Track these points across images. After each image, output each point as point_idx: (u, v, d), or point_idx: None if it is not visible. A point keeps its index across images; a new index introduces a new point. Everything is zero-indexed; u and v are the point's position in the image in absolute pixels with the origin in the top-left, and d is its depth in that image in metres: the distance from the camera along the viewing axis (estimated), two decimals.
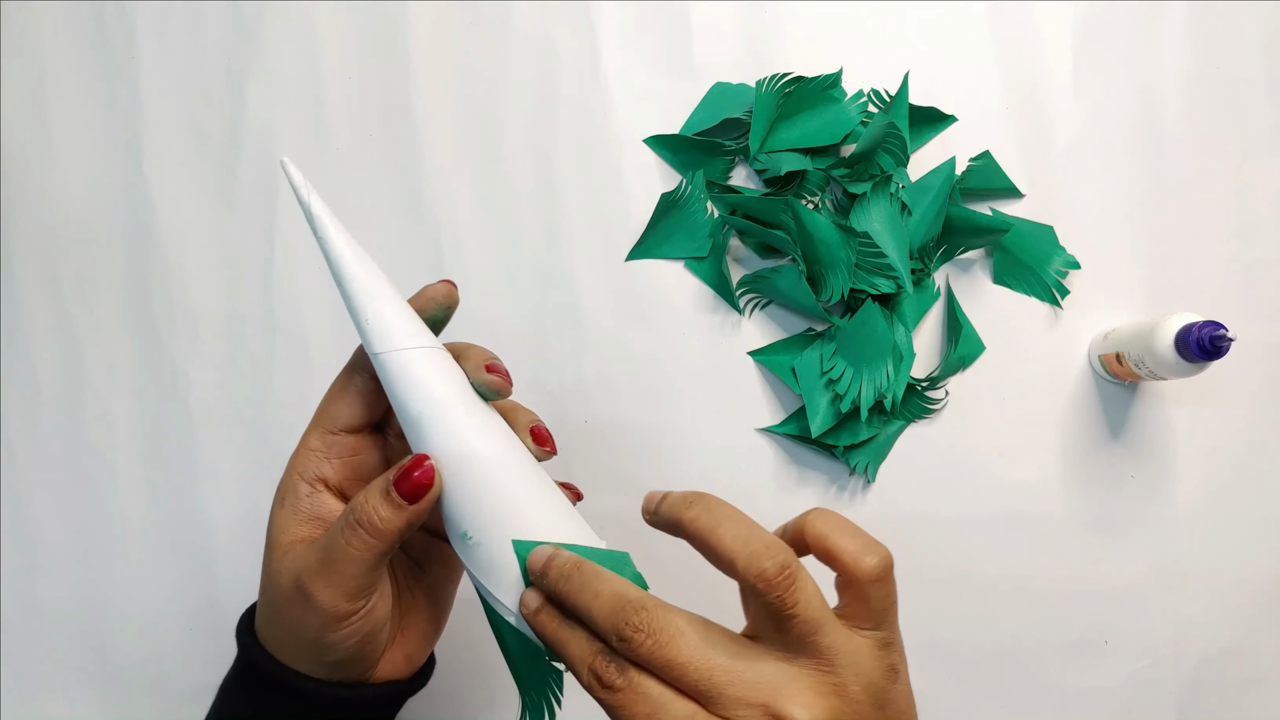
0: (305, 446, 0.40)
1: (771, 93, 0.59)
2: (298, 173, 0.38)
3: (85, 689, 0.60)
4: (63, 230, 0.63)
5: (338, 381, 0.41)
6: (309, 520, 0.39)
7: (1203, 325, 0.49)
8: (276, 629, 0.40)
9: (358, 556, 0.37)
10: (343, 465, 0.40)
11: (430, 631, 0.43)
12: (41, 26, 0.64)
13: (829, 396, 0.58)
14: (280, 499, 0.40)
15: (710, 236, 0.61)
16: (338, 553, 0.37)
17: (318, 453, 0.40)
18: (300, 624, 0.38)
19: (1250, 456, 0.59)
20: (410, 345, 0.38)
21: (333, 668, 0.39)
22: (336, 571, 0.37)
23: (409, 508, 0.37)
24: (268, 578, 0.39)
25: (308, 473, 0.40)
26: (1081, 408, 0.60)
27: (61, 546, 0.61)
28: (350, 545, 0.37)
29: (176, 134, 0.63)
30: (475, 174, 0.62)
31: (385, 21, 0.63)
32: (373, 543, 0.37)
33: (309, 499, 0.39)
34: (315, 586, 0.37)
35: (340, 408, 0.40)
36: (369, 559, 0.37)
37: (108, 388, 0.62)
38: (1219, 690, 0.58)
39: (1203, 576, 0.59)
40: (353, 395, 0.40)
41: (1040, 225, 0.60)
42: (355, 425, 0.40)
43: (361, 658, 0.39)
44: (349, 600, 0.37)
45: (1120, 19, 0.62)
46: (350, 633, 0.38)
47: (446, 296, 0.41)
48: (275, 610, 0.39)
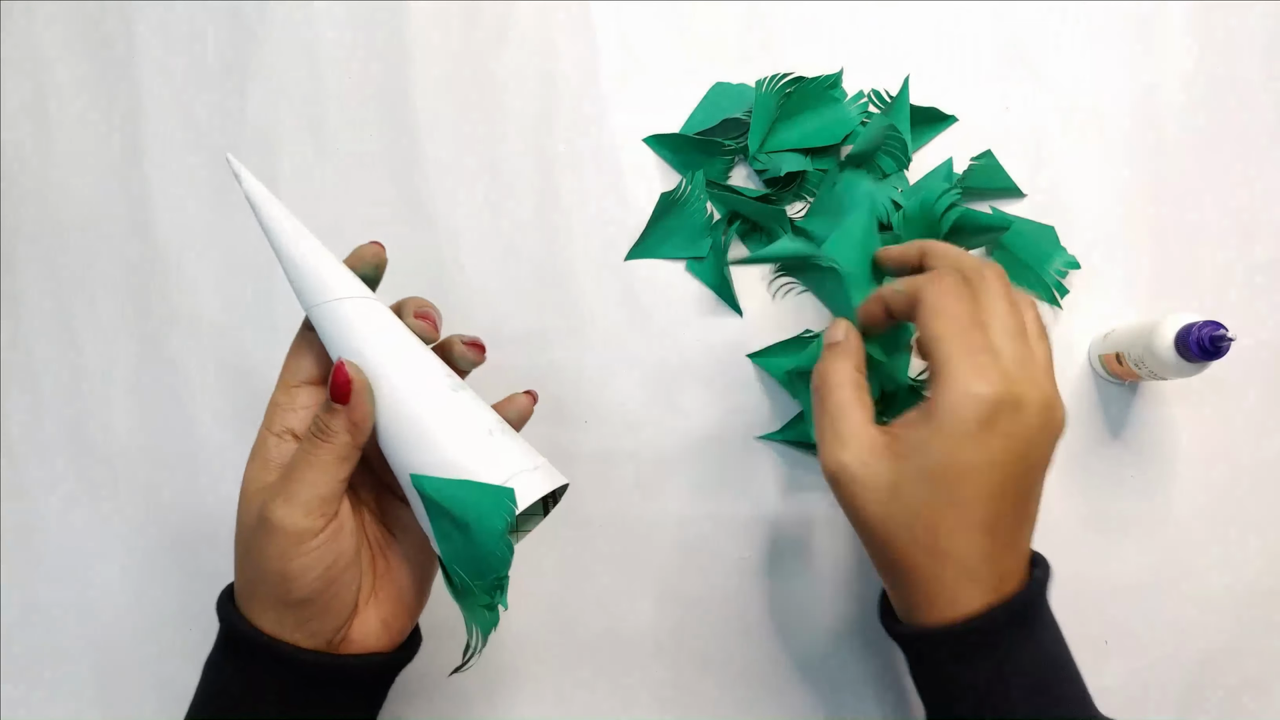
0: (271, 404, 0.43)
1: (771, 93, 0.59)
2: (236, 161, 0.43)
3: (85, 689, 0.60)
4: (63, 230, 0.63)
5: (294, 342, 0.44)
6: (278, 467, 0.41)
7: (1203, 325, 0.49)
8: (245, 576, 0.41)
9: (316, 465, 0.39)
10: (306, 414, 0.42)
11: (408, 600, 0.44)
12: (41, 27, 0.64)
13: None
14: (252, 455, 0.42)
15: (710, 237, 0.61)
16: (296, 468, 0.40)
17: (282, 406, 0.43)
18: (265, 558, 0.39)
19: (1250, 456, 0.59)
20: (342, 295, 0.42)
21: (296, 616, 0.40)
22: (296, 481, 0.39)
23: (344, 409, 0.39)
24: (238, 528, 0.41)
25: (275, 425, 0.42)
26: (1081, 408, 0.60)
27: (61, 546, 0.61)
28: (307, 456, 0.39)
29: (176, 134, 0.63)
30: (475, 174, 0.62)
31: (385, 21, 0.63)
32: (327, 448, 0.39)
33: (277, 448, 0.42)
34: (275, 504, 0.39)
35: (297, 361, 0.43)
36: (328, 469, 0.39)
37: (108, 388, 0.62)
38: (1219, 690, 0.58)
39: (1203, 576, 0.59)
40: (306, 349, 0.43)
41: (1041, 225, 0.60)
42: (313, 376, 0.43)
43: (328, 602, 0.40)
44: (308, 516, 0.39)
45: (1120, 19, 0.62)
46: (312, 561, 0.39)
47: (374, 256, 0.45)
48: (244, 559, 0.41)
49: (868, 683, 0.58)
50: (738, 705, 0.58)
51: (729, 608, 0.59)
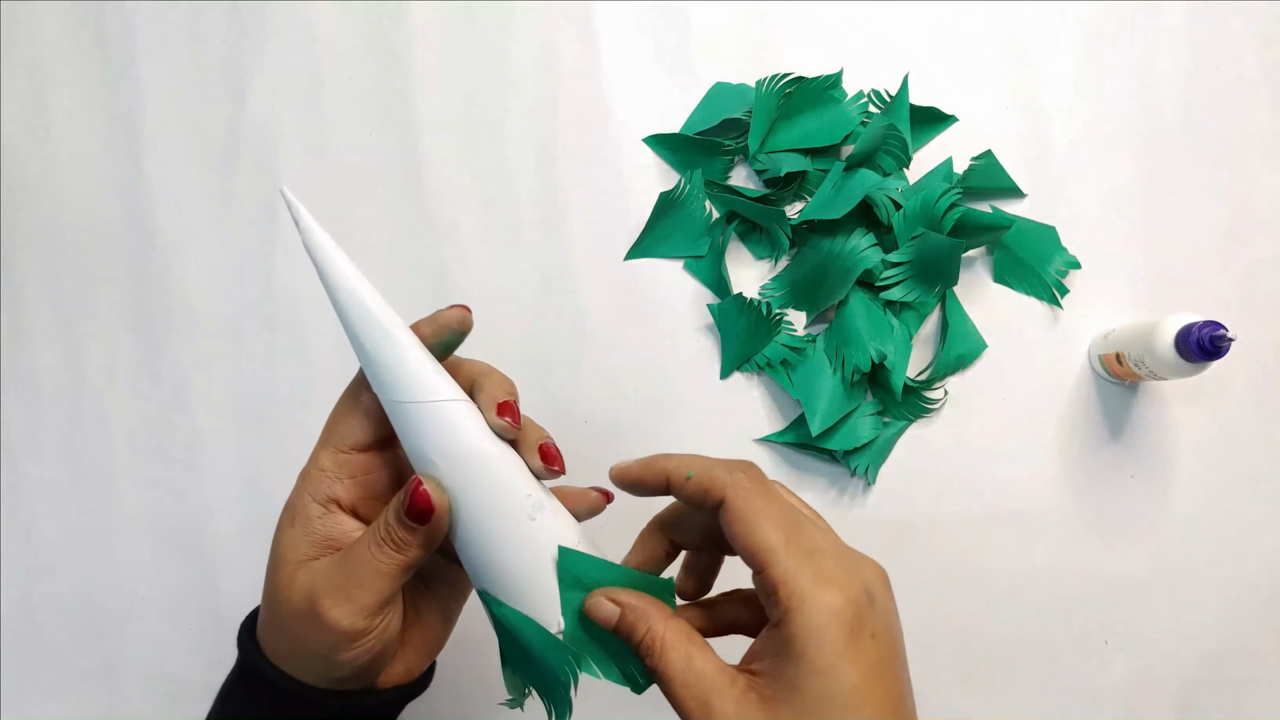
0: (316, 466, 0.39)
1: (771, 93, 0.59)
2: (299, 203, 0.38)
3: (85, 689, 0.60)
4: (63, 230, 0.63)
5: (345, 399, 0.40)
6: (321, 541, 0.39)
7: (1203, 325, 0.49)
8: (283, 643, 0.39)
9: (383, 572, 0.37)
10: (355, 484, 0.39)
11: (432, 646, 0.43)
12: (41, 26, 0.64)
13: (827, 397, 0.58)
14: (290, 519, 0.39)
15: (709, 236, 0.61)
16: (364, 568, 0.37)
17: (329, 473, 0.39)
18: (312, 642, 0.38)
19: (1250, 456, 0.59)
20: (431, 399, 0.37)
21: (335, 683, 0.39)
22: (359, 587, 0.37)
23: (420, 529, 0.37)
24: (276, 594, 0.39)
25: (319, 494, 0.39)
26: (1081, 408, 0.60)
27: (61, 546, 0.61)
28: (378, 560, 0.37)
29: (176, 134, 0.63)
30: (475, 174, 0.62)
31: (385, 21, 0.63)
32: (399, 559, 0.37)
33: (321, 520, 0.39)
34: (332, 603, 0.37)
35: (350, 427, 0.39)
36: (394, 577, 0.37)
37: (108, 388, 0.62)
38: (1219, 690, 0.58)
39: (1203, 576, 0.59)
40: (362, 414, 0.39)
41: (1042, 225, 0.60)
42: (366, 443, 0.39)
43: (368, 673, 0.39)
44: (366, 618, 0.37)
45: (1120, 19, 0.62)
46: (363, 651, 0.38)
47: (460, 323, 0.40)
48: (283, 627, 0.39)
49: None
50: None
51: None
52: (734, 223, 0.60)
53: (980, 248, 0.61)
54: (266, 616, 0.40)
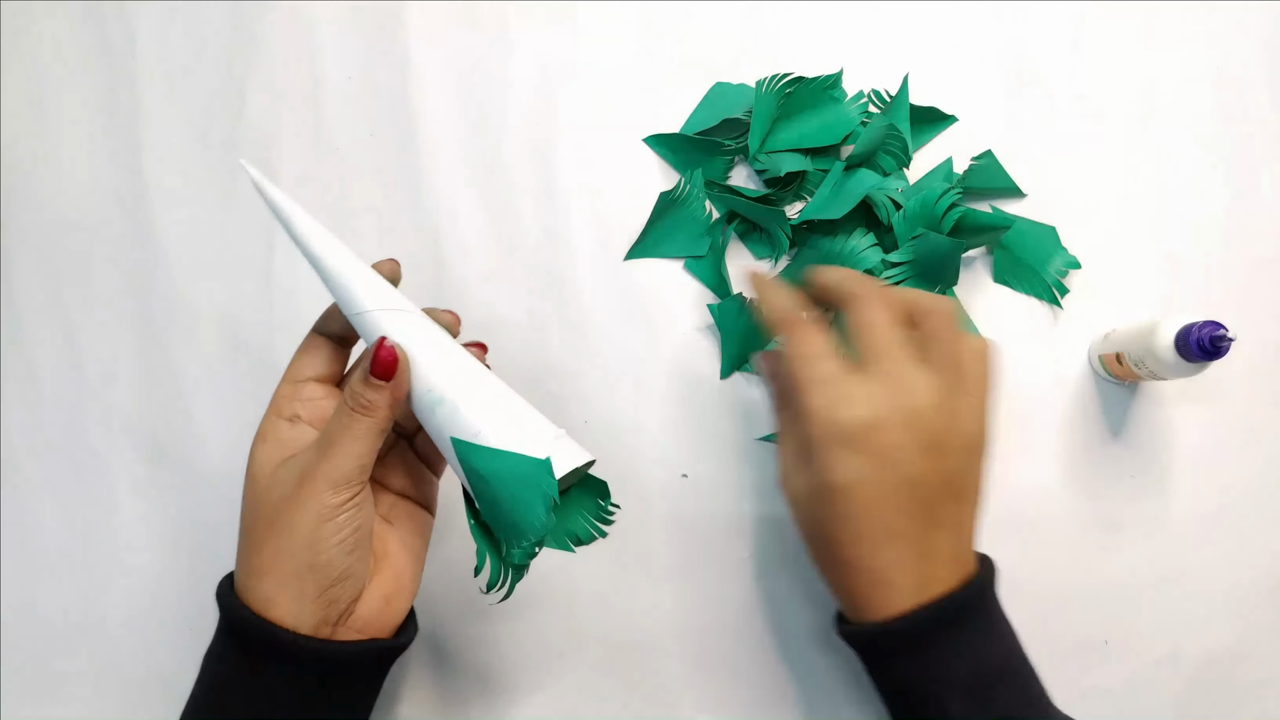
0: (277, 395, 0.45)
1: (771, 93, 0.59)
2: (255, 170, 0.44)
3: (85, 689, 0.60)
4: (63, 230, 0.63)
5: (304, 341, 0.46)
6: (291, 444, 0.43)
7: (1203, 325, 0.49)
8: (264, 554, 0.42)
9: (357, 435, 0.41)
10: (314, 405, 0.45)
11: (405, 582, 0.46)
12: (41, 26, 0.64)
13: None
14: (261, 437, 0.44)
15: (709, 236, 0.61)
16: (337, 436, 0.41)
17: (288, 397, 0.44)
18: (296, 526, 0.41)
19: (1250, 456, 0.59)
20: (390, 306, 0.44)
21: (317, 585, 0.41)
22: (338, 453, 0.41)
23: (386, 385, 0.41)
24: (258, 500, 0.43)
25: (284, 411, 0.44)
26: (1081, 408, 0.60)
27: (61, 546, 0.61)
28: (348, 427, 0.41)
29: (176, 134, 0.63)
30: (475, 174, 0.62)
31: (385, 22, 0.63)
32: (367, 421, 0.41)
33: (290, 430, 0.44)
34: (316, 475, 0.41)
35: (306, 360, 0.45)
36: (367, 438, 0.41)
37: (108, 388, 0.62)
38: (1219, 690, 0.58)
39: (1203, 576, 0.59)
40: (315, 350, 0.45)
41: (1042, 225, 0.60)
42: (320, 375, 0.45)
43: (350, 568, 0.42)
44: (346, 484, 0.41)
45: (1120, 19, 0.62)
46: (344, 522, 0.41)
47: (390, 273, 0.46)
48: (264, 529, 0.42)
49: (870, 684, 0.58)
50: (739, 706, 0.58)
51: (730, 608, 0.59)
52: (734, 223, 0.60)
53: (980, 248, 0.61)
54: (244, 542, 0.43)
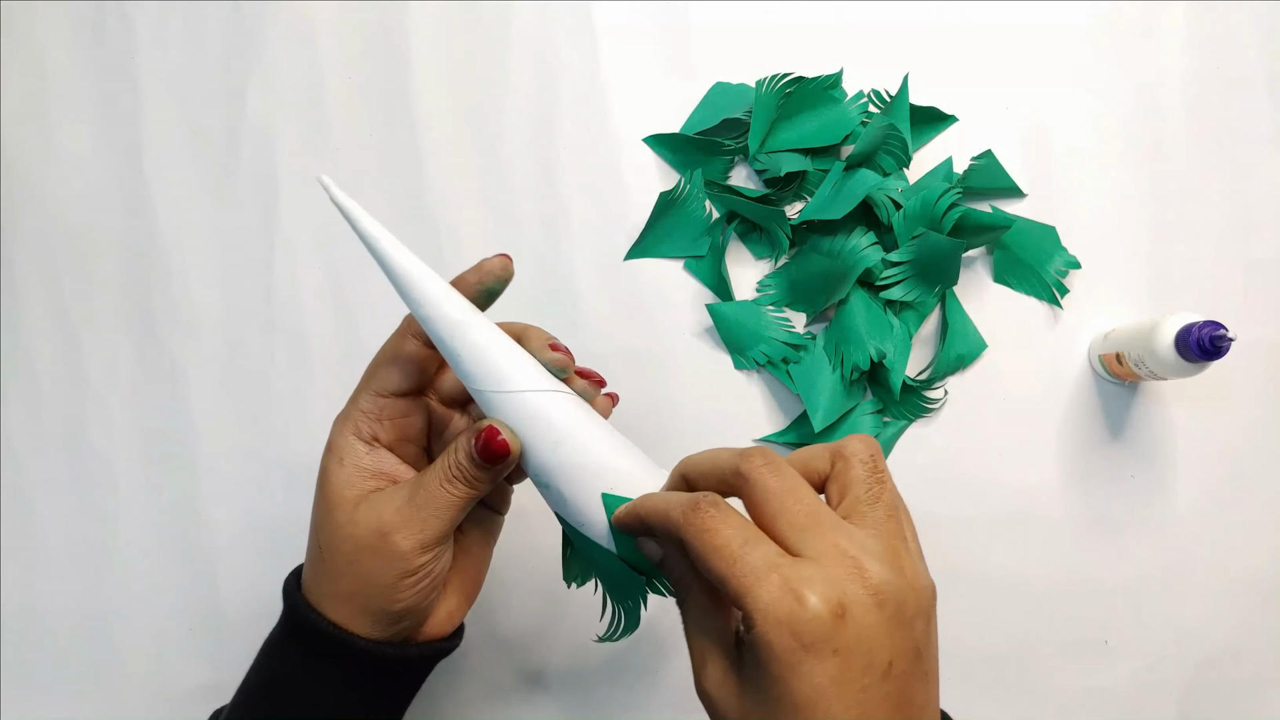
0: (356, 408, 0.42)
1: (771, 93, 0.59)
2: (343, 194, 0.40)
3: (85, 689, 0.60)
4: (63, 230, 0.63)
5: (389, 346, 0.42)
6: (374, 475, 0.41)
7: (1203, 325, 0.49)
8: (340, 584, 0.41)
9: (453, 504, 0.40)
10: (392, 426, 0.42)
11: (469, 590, 0.45)
12: (41, 27, 0.64)
13: (828, 394, 0.58)
14: (339, 459, 0.41)
15: (709, 236, 0.61)
16: (435, 500, 0.40)
17: (369, 414, 0.42)
18: (375, 573, 0.40)
19: (1250, 456, 0.59)
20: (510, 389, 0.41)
21: (390, 620, 0.41)
22: (432, 518, 0.40)
23: (491, 469, 0.40)
24: (336, 531, 0.41)
25: (363, 432, 0.42)
26: (1081, 408, 0.60)
27: (61, 546, 0.61)
28: (448, 494, 0.40)
29: (176, 134, 0.63)
30: (475, 174, 0.62)
31: (385, 21, 0.63)
32: (470, 493, 0.40)
33: (370, 455, 0.42)
34: (406, 534, 0.40)
35: (393, 372, 0.42)
36: (462, 508, 0.40)
37: (108, 388, 0.62)
38: (1219, 690, 0.58)
39: (1203, 576, 0.59)
40: (405, 361, 0.42)
41: (1042, 225, 0.60)
42: (405, 389, 0.42)
43: (421, 608, 0.42)
44: (430, 547, 0.40)
45: (1120, 19, 0.62)
46: (420, 578, 0.40)
47: (503, 269, 0.43)
48: (344, 564, 0.41)
49: None
50: None
51: None
52: (734, 223, 0.60)
53: (980, 248, 0.61)
54: (319, 561, 0.42)
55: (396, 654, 0.42)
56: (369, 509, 0.40)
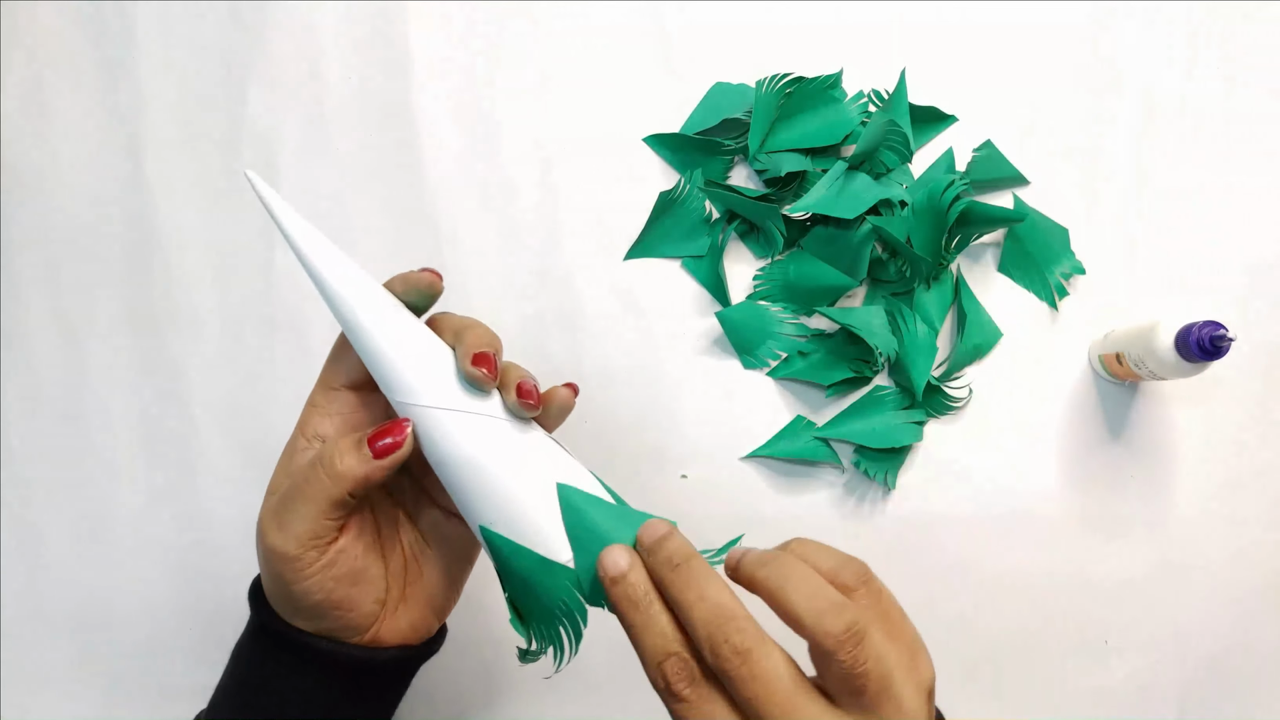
0: (310, 403, 0.42)
1: (771, 93, 0.59)
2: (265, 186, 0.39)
3: (85, 689, 0.60)
4: (63, 230, 0.63)
5: (339, 340, 0.42)
6: None
7: (1203, 325, 0.49)
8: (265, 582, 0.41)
9: (311, 497, 0.38)
10: (342, 421, 0.41)
11: (438, 605, 0.43)
12: (41, 26, 0.64)
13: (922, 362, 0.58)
14: (282, 455, 0.41)
15: (708, 236, 0.61)
16: (294, 492, 0.38)
17: (320, 409, 0.41)
18: (268, 575, 0.39)
19: (1250, 456, 0.59)
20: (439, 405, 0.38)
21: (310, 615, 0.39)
22: (290, 511, 0.38)
23: (373, 462, 0.38)
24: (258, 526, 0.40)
25: (308, 429, 0.41)
26: (1081, 407, 0.60)
27: (61, 546, 0.61)
28: (307, 484, 0.38)
29: (176, 134, 0.63)
30: (475, 174, 0.62)
31: (385, 21, 0.63)
32: (327, 485, 0.37)
33: (304, 454, 0.41)
34: (268, 527, 0.38)
35: (341, 366, 0.41)
36: (321, 502, 0.38)
37: (108, 388, 0.62)
38: (1219, 690, 0.58)
39: (1203, 576, 0.59)
40: (352, 352, 0.41)
41: (1056, 225, 0.60)
42: (355, 383, 0.41)
43: (341, 615, 0.40)
44: (299, 545, 0.38)
45: (1121, 19, 0.62)
46: (311, 586, 0.38)
47: (429, 287, 0.41)
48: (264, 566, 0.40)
49: None
50: None
51: None
52: (734, 223, 0.60)
53: (995, 233, 0.60)
54: None
55: (363, 656, 0.41)
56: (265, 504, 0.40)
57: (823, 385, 0.59)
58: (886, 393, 0.59)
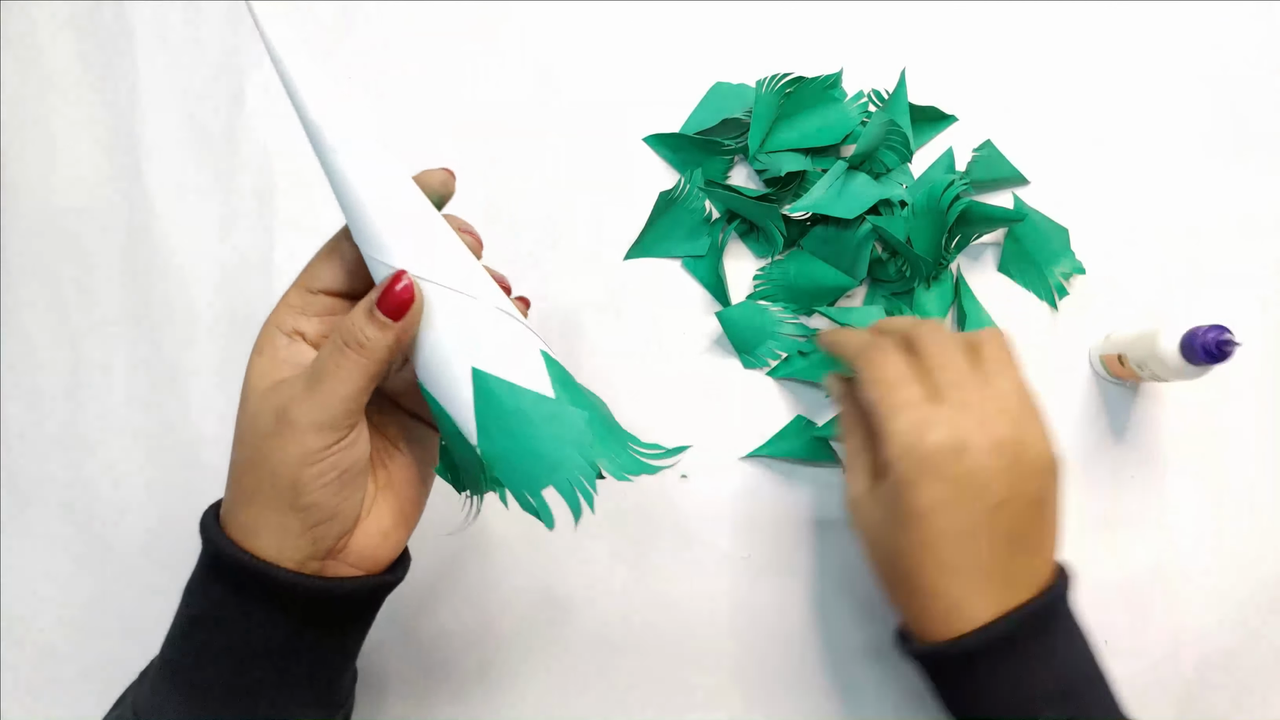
0: (284, 302, 0.41)
1: (771, 93, 0.59)
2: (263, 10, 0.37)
3: (85, 689, 0.60)
4: (63, 230, 0.63)
5: (325, 247, 0.41)
6: (290, 366, 0.40)
7: (1208, 329, 0.49)
8: (247, 482, 0.39)
9: (347, 376, 0.37)
10: (320, 323, 0.41)
11: (406, 510, 0.43)
12: (41, 26, 0.64)
13: None
14: (258, 349, 0.40)
15: (708, 236, 0.61)
16: (326, 375, 0.37)
17: (296, 308, 0.41)
18: (277, 461, 0.38)
19: (1250, 456, 0.59)
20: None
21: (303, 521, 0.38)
22: (325, 393, 0.37)
23: (394, 325, 0.37)
24: (244, 422, 0.39)
25: (285, 325, 0.40)
26: (1082, 408, 0.60)
27: (61, 546, 0.61)
28: (340, 366, 0.37)
29: (176, 134, 0.63)
30: (475, 173, 0.62)
31: (385, 21, 0.63)
32: (362, 362, 0.37)
33: (288, 348, 0.40)
34: (300, 411, 0.37)
35: (323, 268, 0.41)
36: (358, 380, 0.37)
37: (108, 388, 0.62)
38: (1219, 691, 0.58)
39: (1203, 576, 0.59)
40: (337, 259, 0.40)
41: (1056, 225, 0.60)
42: (335, 289, 0.41)
43: (336, 508, 0.39)
44: (332, 427, 0.38)
45: (1121, 19, 0.61)
46: (328, 466, 0.38)
47: (443, 185, 0.42)
48: (250, 456, 0.39)
49: (868, 682, 0.58)
50: (738, 705, 0.58)
51: (730, 607, 0.59)
52: (734, 222, 0.60)
53: (995, 232, 0.60)
54: (235, 468, 0.40)
55: (323, 586, 0.39)
56: (274, 393, 0.39)
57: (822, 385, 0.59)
58: None
